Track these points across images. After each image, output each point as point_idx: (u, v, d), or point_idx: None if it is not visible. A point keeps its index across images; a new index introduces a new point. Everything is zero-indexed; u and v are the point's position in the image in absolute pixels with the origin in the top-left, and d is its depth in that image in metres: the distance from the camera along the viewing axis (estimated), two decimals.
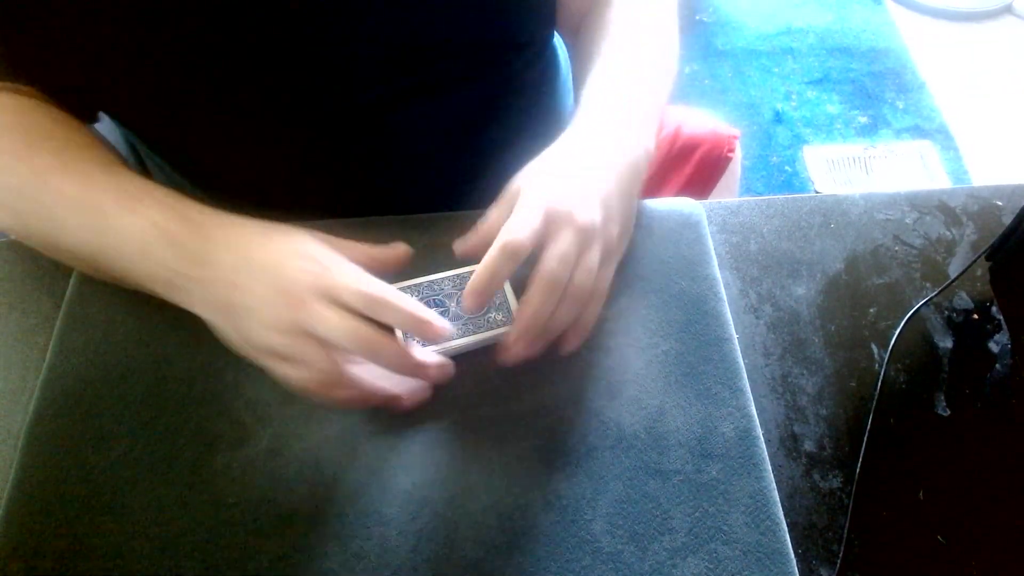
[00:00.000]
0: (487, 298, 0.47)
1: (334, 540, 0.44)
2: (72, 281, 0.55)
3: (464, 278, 0.52)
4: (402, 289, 0.51)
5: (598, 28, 0.62)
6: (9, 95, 0.53)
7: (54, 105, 0.54)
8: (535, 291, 0.46)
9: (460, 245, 0.50)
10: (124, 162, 0.53)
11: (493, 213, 0.50)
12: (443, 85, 0.60)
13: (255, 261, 0.45)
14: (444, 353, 0.49)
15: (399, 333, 0.49)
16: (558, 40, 0.75)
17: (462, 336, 0.50)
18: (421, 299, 0.51)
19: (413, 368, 0.46)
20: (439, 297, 0.51)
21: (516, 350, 0.47)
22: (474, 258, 0.48)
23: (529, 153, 0.52)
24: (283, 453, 0.47)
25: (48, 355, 0.51)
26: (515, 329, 0.47)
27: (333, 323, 0.43)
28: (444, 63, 0.59)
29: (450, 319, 0.50)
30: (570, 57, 0.68)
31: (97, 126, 0.59)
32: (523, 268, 0.47)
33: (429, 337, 0.45)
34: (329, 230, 0.57)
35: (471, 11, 0.57)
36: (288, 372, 0.44)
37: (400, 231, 0.56)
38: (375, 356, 0.44)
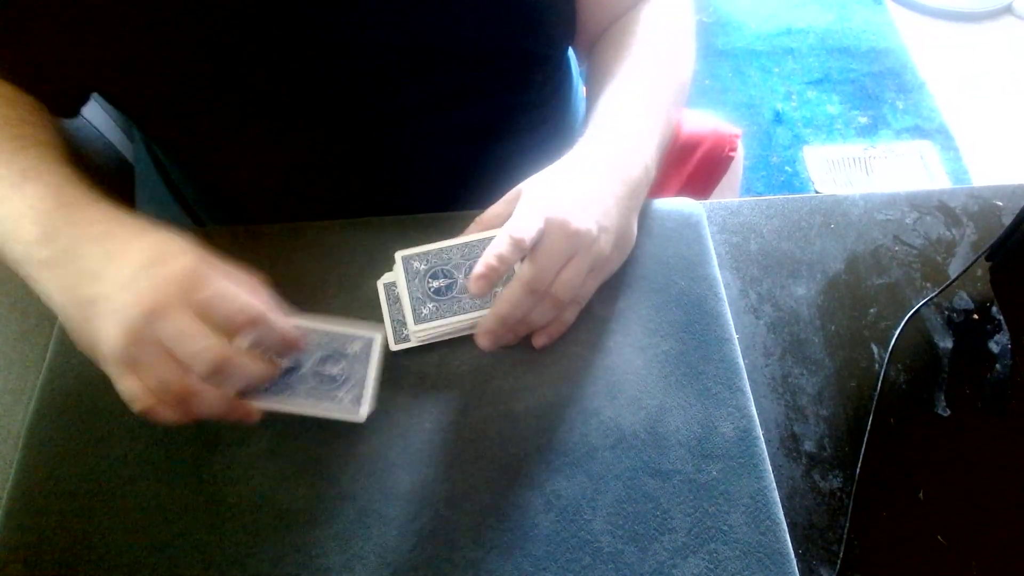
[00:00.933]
0: (495, 283, 0.47)
1: (334, 540, 0.44)
2: None
3: (473, 247, 0.51)
4: (410, 257, 0.51)
5: (614, 46, 0.62)
6: None
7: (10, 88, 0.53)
8: (514, 289, 0.48)
9: (468, 230, 0.52)
10: (50, 141, 0.51)
11: (492, 209, 0.52)
12: (460, 96, 0.61)
13: (118, 256, 0.42)
14: (450, 333, 0.50)
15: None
16: (571, 54, 0.75)
17: (469, 311, 0.50)
18: (429, 268, 0.51)
19: (261, 380, 0.44)
20: (447, 268, 0.51)
21: (484, 341, 0.49)
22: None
23: (539, 165, 0.53)
24: (283, 453, 0.47)
25: (48, 355, 0.51)
26: (486, 321, 0.49)
27: (186, 335, 0.40)
28: (461, 76, 0.60)
29: (456, 292, 0.50)
30: (586, 69, 0.68)
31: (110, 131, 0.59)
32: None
33: (294, 351, 0.44)
34: (329, 229, 0.58)
35: (493, 25, 0.58)
36: (130, 384, 0.41)
37: (400, 231, 0.56)
38: (226, 376, 0.41)
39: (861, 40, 2.03)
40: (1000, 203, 0.64)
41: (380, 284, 0.53)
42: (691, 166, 0.84)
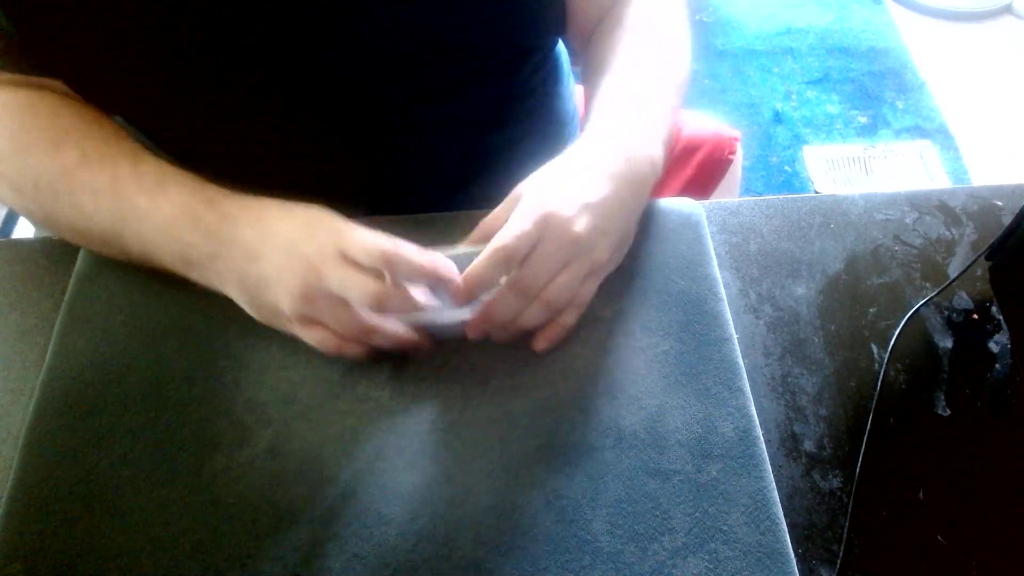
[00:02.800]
0: (472, 296, 0.48)
1: (334, 540, 0.44)
2: (72, 281, 0.55)
3: (461, 259, 0.51)
4: None
5: (610, 39, 0.62)
6: (33, 91, 0.54)
7: (76, 98, 0.55)
8: (504, 290, 0.48)
9: (463, 244, 0.52)
10: (145, 149, 0.54)
11: (495, 212, 0.52)
12: (450, 90, 0.61)
13: (273, 234, 0.48)
14: (431, 328, 0.51)
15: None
16: (561, 45, 0.75)
17: (436, 312, 0.50)
18: None
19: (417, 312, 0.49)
20: None
21: (472, 332, 0.50)
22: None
23: (532, 156, 0.53)
24: (283, 453, 0.47)
25: (48, 355, 0.51)
26: (473, 319, 0.50)
27: (349, 281, 0.46)
28: (451, 68, 0.59)
29: (437, 295, 0.51)
30: (581, 65, 0.68)
31: None
32: None
33: (442, 284, 0.48)
34: None
35: (480, 17, 0.57)
36: (316, 335, 0.48)
37: (401, 231, 0.56)
38: (387, 307, 0.47)
39: (861, 40, 2.03)
40: (1000, 203, 0.64)
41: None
42: (691, 169, 0.84)
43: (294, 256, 0.47)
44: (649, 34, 0.62)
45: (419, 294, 0.49)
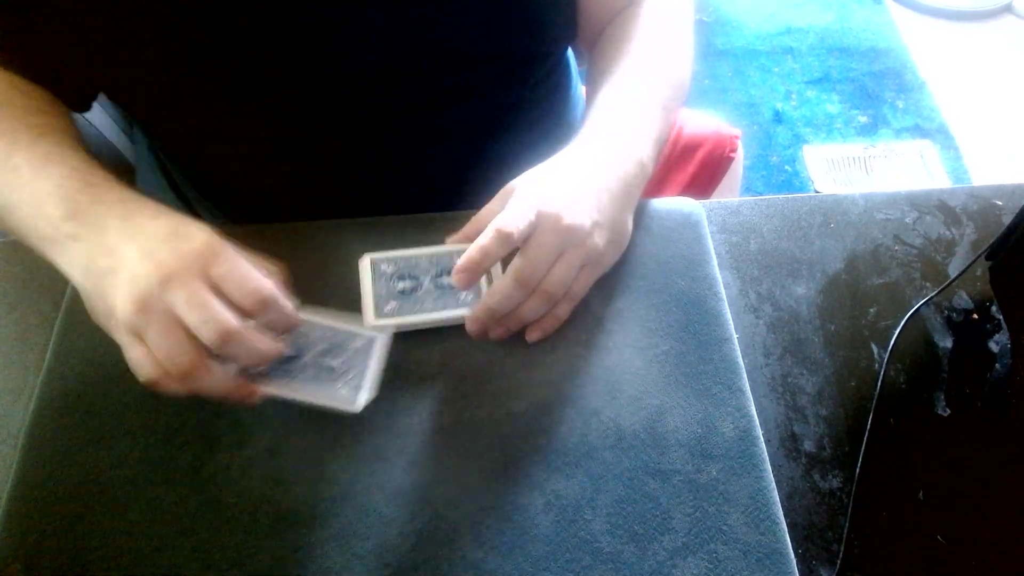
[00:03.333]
0: (476, 276, 0.48)
1: (334, 540, 0.44)
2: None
3: (442, 257, 0.53)
4: (379, 261, 0.53)
5: (616, 41, 0.62)
6: None
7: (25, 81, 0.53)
8: (504, 283, 0.48)
9: (452, 237, 0.53)
10: (67, 129, 0.52)
11: (488, 207, 0.52)
12: (460, 95, 0.61)
13: (138, 230, 0.44)
14: (411, 327, 0.51)
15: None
16: (570, 51, 0.75)
17: (431, 311, 0.51)
18: (396, 271, 0.52)
19: (261, 360, 0.44)
20: (414, 272, 0.52)
21: (473, 331, 0.50)
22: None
23: (538, 161, 0.54)
24: (283, 453, 0.47)
25: (48, 355, 0.51)
26: (474, 313, 0.49)
27: (200, 303, 0.41)
28: (462, 74, 0.60)
29: (421, 293, 0.52)
30: (586, 67, 0.68)
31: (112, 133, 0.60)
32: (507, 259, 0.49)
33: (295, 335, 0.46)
34: (328, 229, 0.58)
35: (492, 24, 0.57)
36: (138, 353, 0.42)
37: (400, 231, 0.56)
38: (230, 349, 0.42)
39: (861, 40, 2.03)
40: (1000, 203, 0.64)
41: (366, 258, 0.53)
42: (692, 167, 0.84)
43: (152, 257, 0.42)
44: (654, 38, 0.62)
45: (265, 344, 0.44)
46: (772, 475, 0.47)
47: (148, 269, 0.41)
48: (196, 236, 0.43)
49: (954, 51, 1.99)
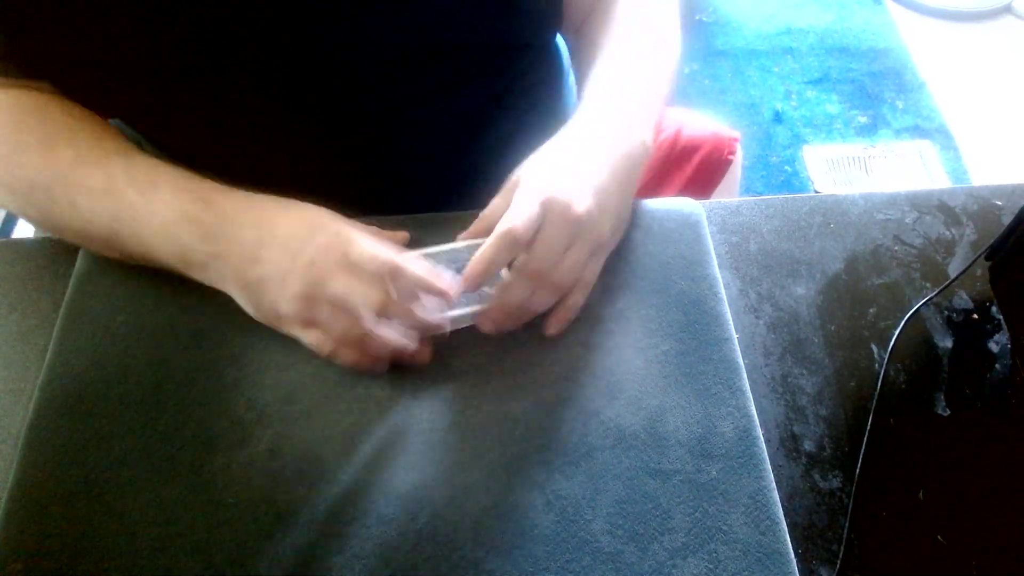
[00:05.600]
0: (482, 282, 0.48)
1: (334, 540, 0.44)
2: (72, 281, 0.55)
3: (459, 252, 0.52)
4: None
5: (601, 27, 0.62)
6: (22, 91, 0.54)
7: (64, 97, 0.54)
8: (516, 277, 0.48)
9: (462, 235, 0.53)
10: (138, 148, 0.54)
11: (493, 203, 0.52)
12: (449, 86, 0.61)
13: (275, 235, 0.48)
14: (430, 320, 0.51)
15: None
16: (560, 39, 0.75)
17: (453, 308, 0.51)
18: None
19: (423, 326, 0.49)
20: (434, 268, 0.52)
21: (486, 325, 0.51)
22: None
23: (530, 152, 0.53)
24: (283, 453, 0.47)
25: (48, 355, 0.51)
26: (486, 311, 0.50)
27: (352, 288, 0.46)
28: (450, 65, 0.59)
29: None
30: (571, 54, 0.68)
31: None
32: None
33: (442, 298, 0.49)
34: None
35: (478, 13, 0.57)
36: (314, 337, 0.48)
37: (400, 230, 0.56)
38: (388, 316, 0.47)
39: (861, 40, 2.03)
40: (1000, 203, 0.64)
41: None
42: (690, 170, 0.84)
43: (296, 259, 0.47)
44: (639, 23, 0.62)
45: (418, 307, 0.48)
46: (772, 475, 0.47)
47: (298, 268, 0.47)
48: (322, 231, 0.48)
49: (954, 51, 1.99)
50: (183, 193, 0.50)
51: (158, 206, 0.50)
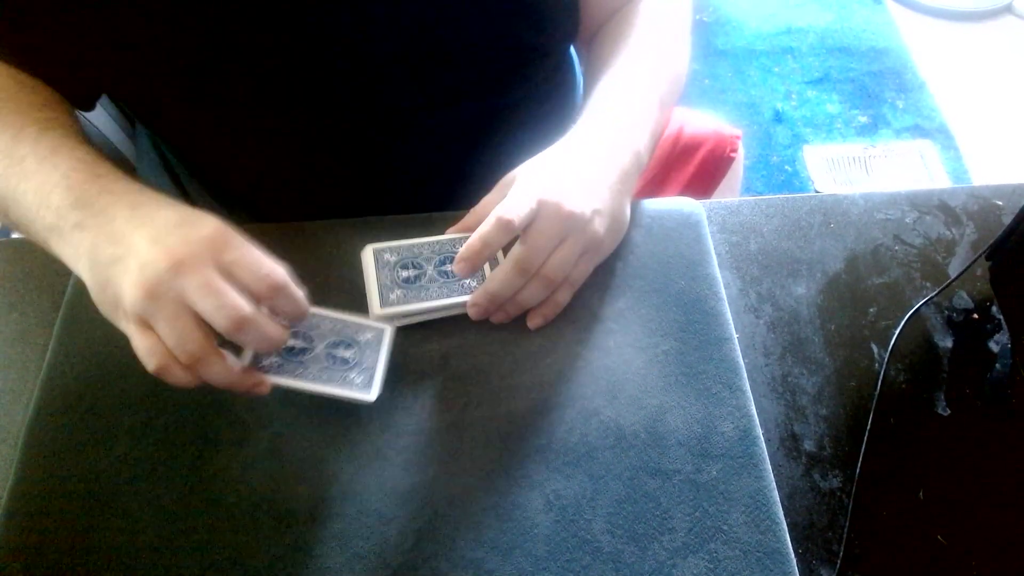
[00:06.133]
0: (478, 265, 0.49)
1: (334, 540, 0.44)
2: (72, 281, 0.55)
3: (444, 245, 0.53)
4: (382, 250, 0.53)
5: (614, 36, 0.63)
6: None
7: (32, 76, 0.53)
8: (504, 268, 0.49)
9: (452, 228, 0.54)
10: (72, 124, 0.52)
11: (486, 199, 0.53)
12: (462, 92, 0.61)
13: (148, 219, 0.43)
14: (417, 314, 0.51)
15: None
16: (572, 50, 0.75)
17: (437, 298, 0.51)
18: (399, 260, 0.52)
19: (272, 347, 0.43)
20: (417, 260, 0.53)
21: (472, 311, 0.50)
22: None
23: None
24: (283, 453, 0.47)
25: (48, 355, 0.51)
26: (474, 297, 0.50)
27: (220, 296, 0.40)
28: (465, 71, 0.60)
29: (425, 281, 0.52)
30: (584, 64, 0.69)
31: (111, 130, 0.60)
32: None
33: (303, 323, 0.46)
34: (330, 229, 0.58)
35: (496, 21, 0.58)
36: (147, 343, 0.41)
37: (401, 230, 0.56)
38: (244, 334, 0.41)
39: (861, 39, 2.03)
40: (1000, 203, 0.64)
41: (369, 249, 0.53)
42: (692, 167, 0.84)
43: (160, 243, 0.41)
44: (651, 34, 0.63)
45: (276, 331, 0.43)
46: (772, 475, 0.47)
47: (157, 256, 0.41)
48: (206, 223, 0.43)
49: (954, 51, 1.99)
50: (77, 162, 0.47)
51: (46, 168, 0.46)
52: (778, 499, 0.46)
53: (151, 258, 0.41)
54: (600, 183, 0.52)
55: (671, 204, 0.60)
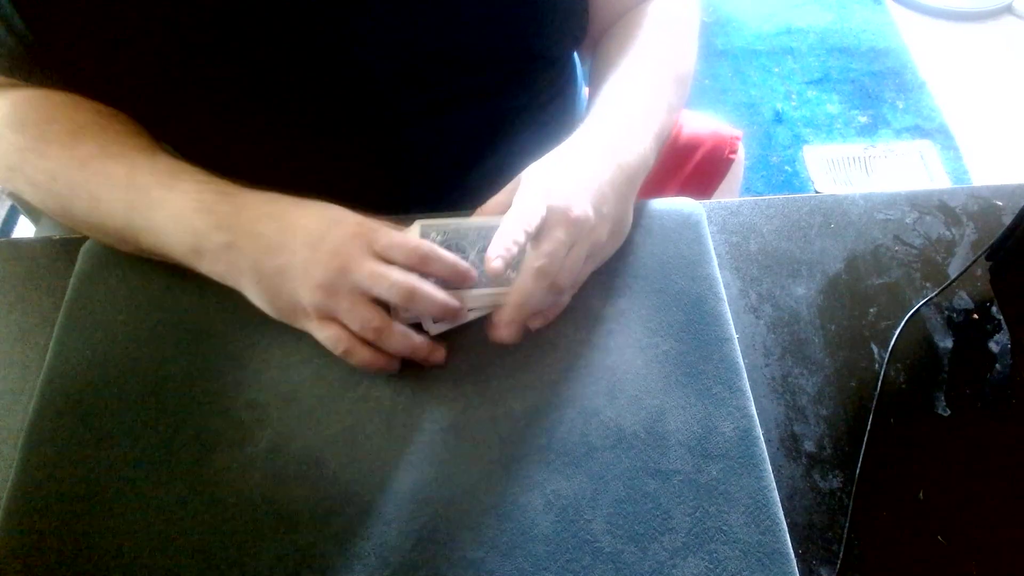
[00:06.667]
0: (508, 266, 0.48)
1: (334, 540, 0.44)
2: (72, 281, 0.55)
3: (490, 231, 0.51)
4: (429, 226, 0.53)
5: (619, 40, 0.63)
6: (50, 89, 0.54)
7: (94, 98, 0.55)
8: (528, 278, 0.48)
9: None
10: (160, 145, 0.55)
11: (494, 199, 0.53)
12: (467, 98, 0.61)
13: (296, 227, 0.48)
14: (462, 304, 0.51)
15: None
16: (575, 55, 0.75)
17: (476, 287, 0.51)
18: (444, 241, 0.52)
19: (453, 313, 0.49)
20: (461, 243, 0.53)
21: (507, 332, 0.49)
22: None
23: None
24: (283, 453, 0.47)
25: (48, 355, 0.51)
26: (507, 313, 0.49)
27: (388, 277, 0.46)
28: (469, 78, 0.60)
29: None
30: (589, 68, 0.68)
31: None
32: None
33: (467, 284, 0.50)
34: None
35: (501, 27, 0.58)
36: (331, 331, 0.47)
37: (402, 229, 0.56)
38: (416, 301, 0.47)
39: (861, 40, 2.03)
40: (1000, 203, 0.64)
41: (417, 224, 0.53)
42: (691, 167, 0.84)
43: (320, 248, 0.47)
44: (658, 38, 0.62)
45: (442, 294, 0.48)
46: (772, 475, 0.47)
47: (322, 258, 0.46)
48: (345, 222, 0.48)
49: (954, 51, 1.99)
50: (202, 184, 0.50)
51: (176, 194, 0.50)
52: (778, 499, 0.46)
53: (316, 261, 0.46)
54: (605, 186, 0.52)
55: (671, 204, 0.60)
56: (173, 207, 0.49)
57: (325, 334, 0.48)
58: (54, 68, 0.53)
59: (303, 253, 0.47)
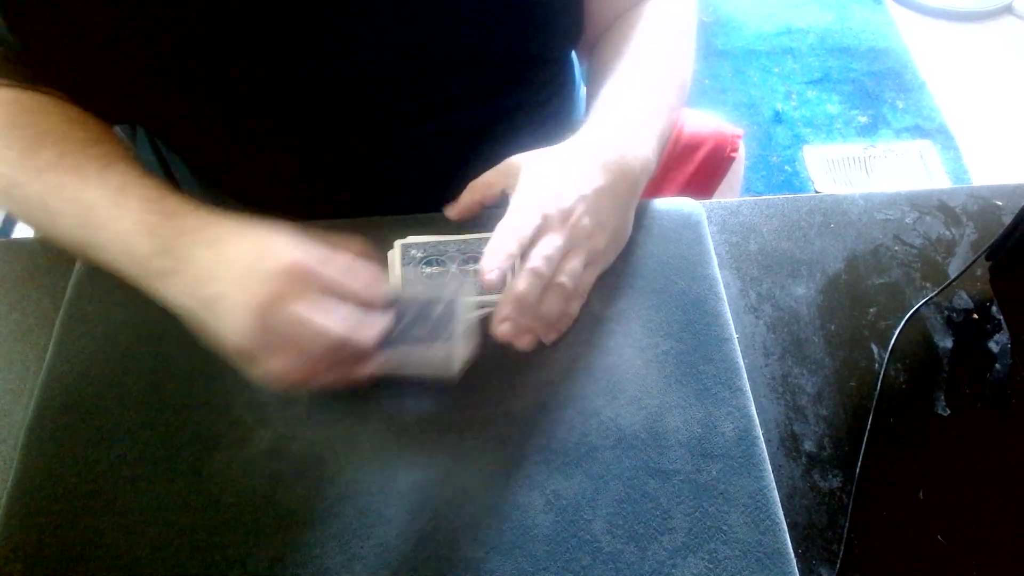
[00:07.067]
0: (505, 275, 0.48)
1: (334, 540, 0.44)
2: (72, 281, 0.55)
3: (470, 244, 0.54)
4: (409, 245, 0.54)
5: (617, 41, 0.62)
6: (28, 92, 0.53)
7: (70, 103, 0.54)
8: (522, 277, 0.48)
9: (451, 209, 0.54)
10: (126, 155, 0.53)
11: (484, 177, 0.53)
12: (464, 99, 0.61)
13: (234, 257, 0.46)
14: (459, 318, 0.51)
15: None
16: (573, 55, 0.75)
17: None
18: (424, 255, 0.53)
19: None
20: (442, 258, 0.53)
21: (504, 327, 0.49)
22: (467, 221, 0.55)
23: None
24: (283, 453, 0.47)
25: (48, 355, 0.51)
26: (503, 308, 0.48)
27: (317, 323, 0.43)
28: (467, 78, 0.60)
29: (449, 279, 0.52)
30: (586, 66, 0.68)
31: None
32: None
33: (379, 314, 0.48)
34: (331, 229, 0.57)
35: (503, 27, 0.57)
36: (263, 369, 0.44)
37: (401, 230, 0.56)
38: (359, 337, 0.45)
39: (861, 40, 2.03)
40: (1000, 203, 0.64)
41: (398, 244, 0.54)
42: (692, 167, 0.84)
43: (246, 286, 0.44)
44: (657, 38, 0.62)
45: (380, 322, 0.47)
46: (772, 475, 0.47)
47: (246, 298, 0.43)
48: (280, 257, 0.45)
49: (954, 51, 1.99)
50: (146, 203, 0.48)
51: (120, 213, 0.48)
52: (778, 499, 0.46)
53: (242, 301, 0.44)
54: (604, 193, 0.51)
55: (671, 204, 0.60)
56: (117, 227, 0.48)
57: (255, 372, 0.45)
58: (37, 68, 0.52)
59: (231, 288, 0.44)
